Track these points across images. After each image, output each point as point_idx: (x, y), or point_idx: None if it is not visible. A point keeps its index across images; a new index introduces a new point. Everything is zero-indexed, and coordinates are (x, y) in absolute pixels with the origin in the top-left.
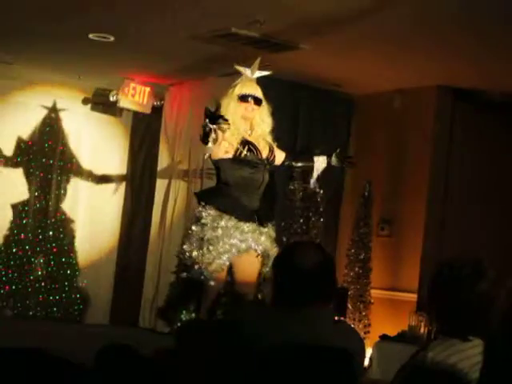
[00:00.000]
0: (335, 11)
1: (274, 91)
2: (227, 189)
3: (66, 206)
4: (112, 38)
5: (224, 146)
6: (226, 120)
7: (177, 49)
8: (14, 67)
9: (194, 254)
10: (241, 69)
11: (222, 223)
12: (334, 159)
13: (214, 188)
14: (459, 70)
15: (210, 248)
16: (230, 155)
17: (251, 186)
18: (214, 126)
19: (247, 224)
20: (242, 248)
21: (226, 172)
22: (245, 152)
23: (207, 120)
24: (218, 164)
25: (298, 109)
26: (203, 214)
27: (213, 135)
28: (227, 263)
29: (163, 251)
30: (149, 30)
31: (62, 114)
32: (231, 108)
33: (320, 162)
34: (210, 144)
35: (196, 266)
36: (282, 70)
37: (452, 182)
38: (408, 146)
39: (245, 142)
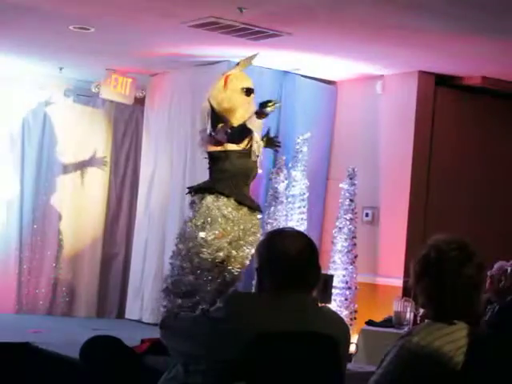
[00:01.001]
0: None
1: (258, 79)
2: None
3: (55, 198)
4: (92, 29)
5: None
6: None
7: (157, 38)
8: None
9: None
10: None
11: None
12: (264, 142)
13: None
14: (440, 56)
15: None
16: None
17: (248, 175)
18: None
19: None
20: None
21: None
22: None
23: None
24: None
25: (281, 95)
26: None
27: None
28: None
29: (148, 241)
30: (128, 20)
31: (44, 107)
32: (242, 100)
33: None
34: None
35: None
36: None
37: (435, 168)
38: (390, 131)
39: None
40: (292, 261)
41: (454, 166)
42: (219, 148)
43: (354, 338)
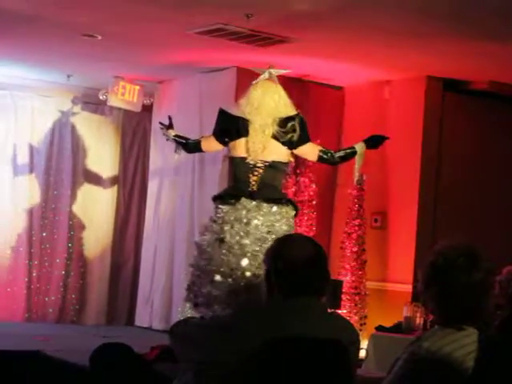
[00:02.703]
0: (322, 3)
1: None
2: None
3: (64, 206)
4: (100, 37)
5: None
6: None
7: (165, 46)
8: (2, 69)
9: None
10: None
11: None
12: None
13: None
14: (448, 61)
15: None
16: None
17: None
18: None
19: None
20: None
21: None
22: None
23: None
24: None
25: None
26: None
27: None
28: None
29: (157, 248)
30: (136, 28)
31: (52, 115)
32: None
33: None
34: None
35: None
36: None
37: (443, 174)
38: (399, 136)
39: None
40: (300, 267)
41: (462, 171)
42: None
43: (364, 344)
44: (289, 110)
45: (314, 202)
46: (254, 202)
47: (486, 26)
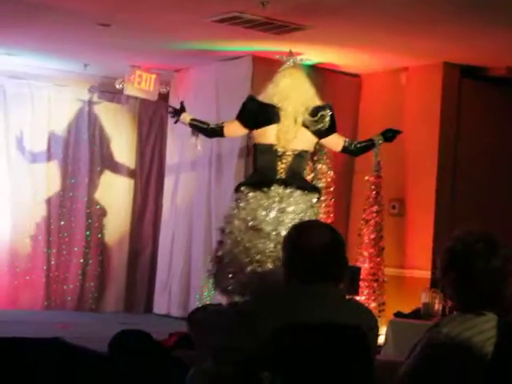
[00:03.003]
0: None
1: None
2: None
3: (82, 194)
4: (115, 26)
5: None
6: None
7: (180, 34)
8: (19, 58)
9: None
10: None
11: None
12: (381, 137)
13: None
14: (465, 47)
15: None
16: None
17: None
18: None
19: None
20: None
21: None
22: None
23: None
24: None
25: None
26: None
27: None
28: None
29: (175, 235)
30: (151, 16)
31: (69, 104)
32: None
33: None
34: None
35: None
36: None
37: (461, 158)
38: (416, 123)
39: None
40: (318, 253)
41: (479, 157)
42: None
43: (383, 330)
44: (315, 99)
45: (332, 189)
46: (287, 190)
47: (503, 11)
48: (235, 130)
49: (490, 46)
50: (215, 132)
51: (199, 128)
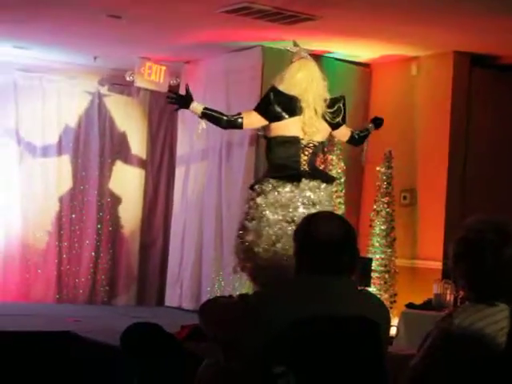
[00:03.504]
0: None
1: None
2: None
3: (92, 187)
4: (125, 18)
5: None
6: None
7: (190, 25)
8: (30, 51)
9: None
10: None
11: None
12: (373, 125)
13: None
14: (475, 36)
15: None
16: None
17: None
18: None
19: None
20: None
21: None
22: None
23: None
24: None
25: None
26: None
27: None
28: None
29: (186, 228)
30: (161, 8)
31: (79, 97)
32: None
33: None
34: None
35: None
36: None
37: (472, 149)
38: (426, 113)
39: None
40: (328, 244)
41: (491, 146)
42: None
43: (395, 321)
44: (326, 90)
45: (343, 180)
46: (314, 183)
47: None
48: (254, 121)
49: (500, 34)
50: (232, 123)
51: (214, 118)
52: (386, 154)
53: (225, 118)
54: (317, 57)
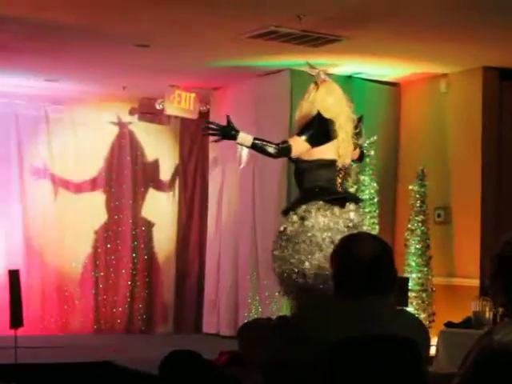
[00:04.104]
0: (374, 0)
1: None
2: None
3: (126, 217)
4: (152, 46)
5: None
6: None
7: (218, 52)
8: (59, 84)
9: None
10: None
11: None
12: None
13: None
14: (504, 50)
15: None
16: None
17: None
18: None
19: None
20: None
21: None
22: None
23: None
24: None
25: None
26: None
27: None
28: None
29: (221, 254)
30: (188, 35)
31: (110, 126)
32: None
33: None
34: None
35: None
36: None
37: (505, 164)
38: (457, 129)
39: None
40: (367, 265)
41: None
42: None
43: (434, 341)
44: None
45: (376, 200)
46: (353, 205)
47: None
48: (301, 147)
49: None
50: (283, 152)
51: (264, 149)
52: (418, 173)
53: (274, 146)
54: (345, 78)
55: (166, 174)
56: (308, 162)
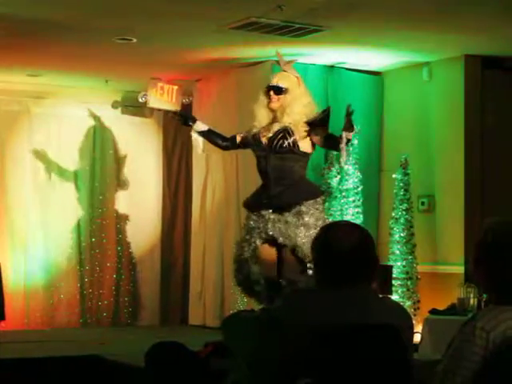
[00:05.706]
0: None
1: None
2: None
3: (111, 210)
4: (134, 40)
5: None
6: None
7: (199, 43)
8: (42, 78)
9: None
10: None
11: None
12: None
13: None
14: (486, 38)
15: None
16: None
17: (261, 173)
18: None
19: (264, 212)
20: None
21: None
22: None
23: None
24: None
25: (327, 90)
26: None
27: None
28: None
29: (206, 245)
30: (169, 27)
31: (93, 121)
32: (259, 100)
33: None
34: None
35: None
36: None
37: (488, 152)
38: (440, 118)
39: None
40: (347, 254)
41: (507, 148)
42: None
43: (419, 328)
44: None
45: (359, 189)
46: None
47: None
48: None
49: (510, 36)
50: None
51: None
52: (401, 161)
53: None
54: (328, 68)
55: (149, 167)
56: (309, 155)
